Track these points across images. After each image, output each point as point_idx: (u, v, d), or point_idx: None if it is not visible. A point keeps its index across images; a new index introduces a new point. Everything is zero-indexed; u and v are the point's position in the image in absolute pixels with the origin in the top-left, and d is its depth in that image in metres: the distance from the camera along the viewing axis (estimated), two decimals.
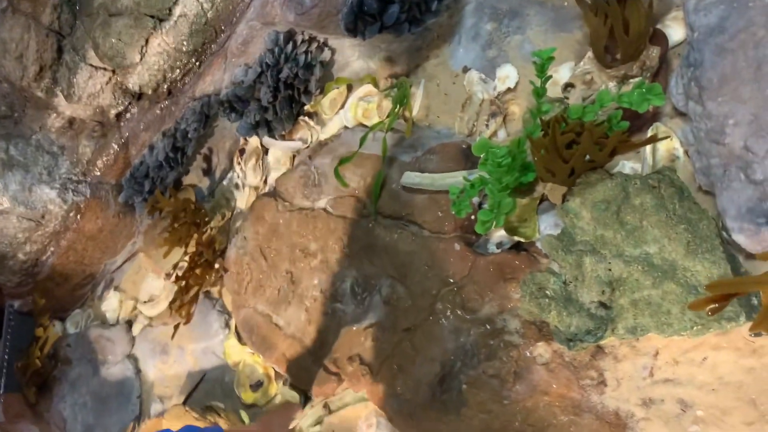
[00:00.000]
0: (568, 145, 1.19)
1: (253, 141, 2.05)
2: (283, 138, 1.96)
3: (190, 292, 1.87)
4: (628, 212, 1.17)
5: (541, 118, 1.24)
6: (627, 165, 1.29)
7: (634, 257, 1.14)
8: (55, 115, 2.27)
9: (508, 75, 1.53)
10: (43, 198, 2.19)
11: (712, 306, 0.86)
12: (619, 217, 1.17)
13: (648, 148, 1.26)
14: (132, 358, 2.16)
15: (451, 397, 1.33)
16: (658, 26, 1.31)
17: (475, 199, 1.43)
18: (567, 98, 1.38)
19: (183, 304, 1.85)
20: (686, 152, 1.24)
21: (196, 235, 1.96)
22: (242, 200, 2.07)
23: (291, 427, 1.60)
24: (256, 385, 1.76)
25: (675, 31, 1.29)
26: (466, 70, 1.62)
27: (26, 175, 2.17)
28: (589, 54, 1.36)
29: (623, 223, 1.17)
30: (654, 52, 1.28)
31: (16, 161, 2.17)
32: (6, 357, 2.29)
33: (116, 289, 2.34)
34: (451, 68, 1.66)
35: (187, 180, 2.24)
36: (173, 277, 1.93)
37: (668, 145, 1.25)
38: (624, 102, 1.17)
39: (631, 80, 1.30)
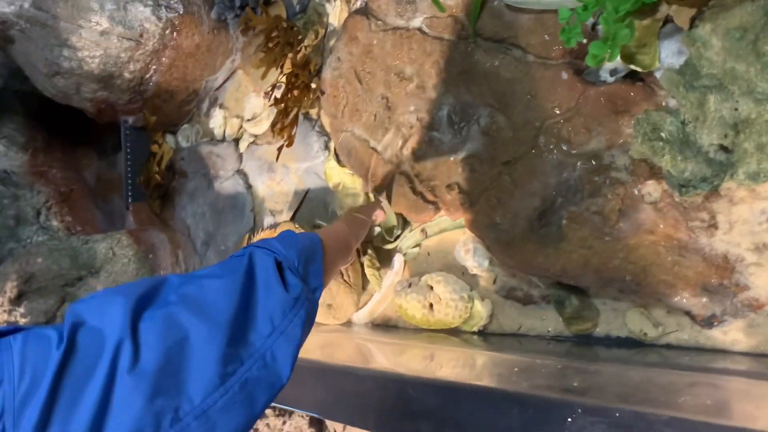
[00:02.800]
0: None
1: None
2: None
3: (290, 114, 1.88)
4: (767, 42, 1.01)
5: None
6: None
7: None
8: None
9: None
10: (139, 16, 2.18)
11: None
12: (755, 48, 1.02)
13: None
14: (242, 173, 2.27)
15: (549, 231, 1.32)
16: None
17: (590, 21, 1.28)
18: None
19: (284, 126, 1.88)
20: None
21: (290, 56, 1.92)
22: (334, 15, 1.97)
23: (374, 220, 1.63)
24: None
25: None
26: None
27: None
28: None
29: (760, 55, 1.02)
30: None
31: None
32: (129, 169, 2.48)
33: (221, 107, 2.40)
34: None
35: None
36: (271, 99, 1.94)
37: None
38: None
39: None
